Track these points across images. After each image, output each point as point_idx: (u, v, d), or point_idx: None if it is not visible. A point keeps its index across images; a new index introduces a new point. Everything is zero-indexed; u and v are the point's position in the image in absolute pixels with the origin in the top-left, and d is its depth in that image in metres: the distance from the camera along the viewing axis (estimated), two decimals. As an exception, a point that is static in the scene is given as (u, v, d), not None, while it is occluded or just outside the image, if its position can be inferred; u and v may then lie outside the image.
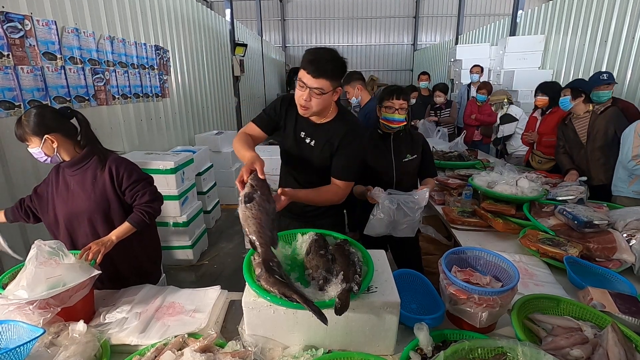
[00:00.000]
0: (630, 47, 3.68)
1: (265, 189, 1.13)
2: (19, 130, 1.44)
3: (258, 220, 1.05)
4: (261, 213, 1.06)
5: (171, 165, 3.14)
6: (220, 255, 3.64)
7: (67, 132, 1.51)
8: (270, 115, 1.58)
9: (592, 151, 2.68)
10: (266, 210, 1.08)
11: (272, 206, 1.12)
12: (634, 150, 2.31)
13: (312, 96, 1.36)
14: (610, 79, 2.64)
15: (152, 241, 1.80)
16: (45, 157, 1.49)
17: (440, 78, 9.29)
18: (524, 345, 0.91)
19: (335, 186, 1.51)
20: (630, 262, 1.57)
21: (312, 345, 1.09)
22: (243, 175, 1.16)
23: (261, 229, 1.04)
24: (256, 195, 1.09)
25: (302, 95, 1.38)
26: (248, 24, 12.02)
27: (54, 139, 1.46)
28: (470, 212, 2.20)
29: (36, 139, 1.44)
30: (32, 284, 1.11)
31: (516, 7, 5.88)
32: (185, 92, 4.96)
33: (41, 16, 2.52)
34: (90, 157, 1.56)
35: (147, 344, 1.13)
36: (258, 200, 1.08)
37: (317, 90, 1.34)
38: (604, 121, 2.61)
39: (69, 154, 1.54)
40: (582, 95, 2.67)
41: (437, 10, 13.61)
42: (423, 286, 1.40)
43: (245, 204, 1.07)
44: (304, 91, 1.37)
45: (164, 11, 4.35)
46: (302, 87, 1.36)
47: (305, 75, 1.34)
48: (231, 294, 1.43)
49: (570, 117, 2.80)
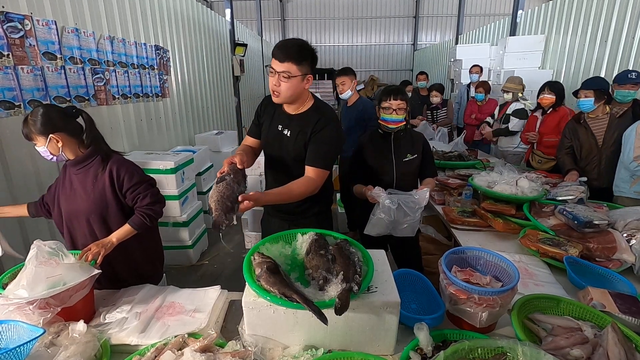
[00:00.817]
0: (630, 47, 3.68)
1: (238, 175, 1.29)
2: (25, 130, 1.46)
3: (221, 193, 1.20)
4: (227, 190, 1.21)
5: (171, 165, 3.14)
6: (220, 255, 3.64)
7: (72, 132, 1.52)
8: (255, 123, 1.71)
9: (607, 154, 2.61)
10: (232, 189, 1.22)
11: (240, 188, 1.26)
12: (636, 151, 2.29)
13: (280, 80, 1.44)
14: (638, 78, 2.53)
15: (152, 243, 1.80)
16: (51, 156, 1.51)
17: (440, 78, 9.29)
18: (524, 345, 0.91)
19: (306, 177, 1.49)
20: (630, 262, 1.57)
21: (312, 345, 1.09)
22: (224, 165, 1.32)
23: (221, 199, 1.18)
24: (227, 177, 1.25)
25: (271, 81, 1.47)
26: (248, 24, 12.01)
27: (59, 138, 1.47)
28: (470, 212, 2.20)
29: (42, 138, 1.46)
30: (32, 284, 1.12)
31: (516, 7, 5.87)
32: (185, 92, 4.96)
33: (41, 16, 2.52)
34: (93, 157, 1.56)
35: (147, 344, 1.13)
36: (228, 180, 1.24)
37: (284, 73, 1.42)
38: (622, 124, 2.53)
39: (73, 153, 1.55)
40: (605, 97, 2.57)
41: (437, 10, 13.60)
42: (423, 286, 1.40)
43: (217, 184, 1.23)
44: (273, 76, 1.46)
45: (164, 11, 4.35)
46: (272, 73, 1.46)
47: (274, 62, 1.44)
48: (231, 294, 1.43)
49: (585, 118, 2.69)
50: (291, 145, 1.57)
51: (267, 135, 1.65)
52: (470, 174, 2.55)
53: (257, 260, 1.09)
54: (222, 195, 1.19)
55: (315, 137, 1.52)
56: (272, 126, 1.63)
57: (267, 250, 1.19)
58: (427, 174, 2.12)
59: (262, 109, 1.69)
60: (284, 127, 1.59)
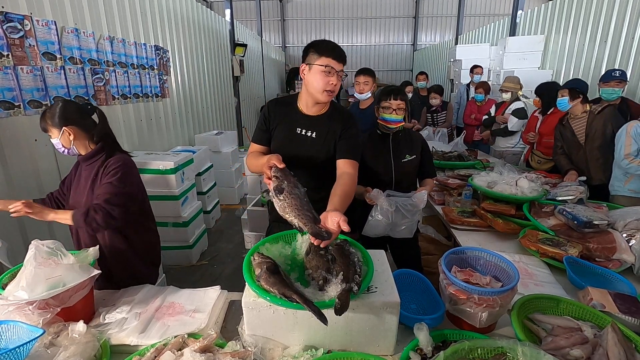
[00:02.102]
0: (630, 47, 3.68)
1: (290, 177, 1.21)
2: (42, 123, 1.54)
3: (294, 206, 1.11)
4: (294, 199, 1.13)
5: (171, 165, 3.14)
6: (220, 255, 3.64)
7: (84, 127, 1.58)
8: (262, 129, 1.65)
9: (591, 151, 2.67)
10: (297, 196, 1.15)
11: (301, 190, 1.18)
12: (626, 149, 2.34)
13: (338, 80, 1.47)
14: (622, 76, 2.64)
15: (145, 244, 1.76)
16: (63, 148, 1.57)
17: (440, 78, 9.29)
18: (524, 345, 0.91)
19: (347, 173, 1.50)
20: (630, 262, 1.57)
21: (312, 345, 1.09)
22: (266, 172, 1.24)
23: (300, 212, 1.10)
24: (284, 186, 1.17)
25: (330, 81, 1.46)
26: (248, 24, 12.02)
27: (71, 131, 1.53)
28: (470, 212, 2.20)
29: (56, 130, 1.53)
30: (32, 285, 1.11)
31: (516, 7, 5.88)
32: (185, 92, 4.96)
33: (41, 16, 2.52)
34: (100, 154, 1.60)
35: (147, 344, 1.12)
36: (287, 189, 1.16)
37: (341, 73, 1.48)
38: (601, 120, 2.61)
39: (84, 148, 1.60)
40: (579, 95, 2.66)
41: (437, 10, 13.61)
42: (423, 286, 1.40)
43: (277, 196, 1.15)
44: (332, 76, 1.45)
45: (164, 11, 4.35)
46: (331, 73, 1.45)
47: (331, 62, 1.44)
48: (231, 294, 1.43)
49: (568, 118, 2.79)
50: (318, 146, 1.58)
51: (283, 139, 1.60)
52: (470, 174, 2.55)
53: (257, 260, 1.09)
54: (298, 208, 1.11)
55: (347, 133, 1.58)
56: (288, 129, 1.60)
57: (267, 251, 1.19)
58: (426, 175, 2.12)
59: (272, 114, 1.63)
60: (306, 130, 1.58)
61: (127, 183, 1.57)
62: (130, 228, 1.65)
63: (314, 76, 1.47)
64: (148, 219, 1.79)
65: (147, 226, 1.78)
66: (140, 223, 1.72)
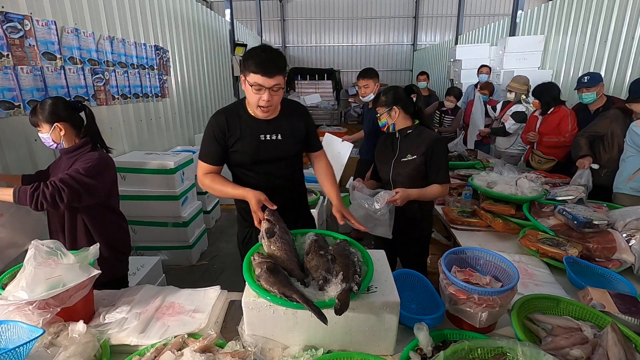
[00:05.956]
0: (630, 47, 3.68)
1: (281, 222, 1.26)
2: (33, 118, 1.60)
3: (283, 251, 1.15)
4: (284, 244, 1.17)
5: (171, 165, 3.14)
6: (220, 255, 3.64)
7: (74, 123, 1.66)
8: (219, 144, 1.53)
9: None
10: (287, 241, 1.20)
11: (289, 236, 1.24)
12: None
13: (272, 95, 1.40)
14: (590, 82, 2.81)
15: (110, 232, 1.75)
16: (52, 143, 1.63)
17: (440, 78, 9.29)
18: (524, 345, 0.91)
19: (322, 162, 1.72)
20: (630, 262, 1.57)
21: (312, 345, 1.09)
22: (258, 214, 1.29)
23: (288, 257, 1.14)
24: (276, 230, 1.21)
25: (260, 97, 1.39)
26: (248, 24, 12.01)
27: (62, 127, 1.60)
28: (470, 212, 2.20)
29: (47, 126, 1.59)
30: (32, 285, 1.11)
31: (516, 7, 5.87)
32: (185, 92, 4.96)
33: (41, 16, 2.52)
34: (83, 148, 1.65)
35: (147, 344, 1.12)
36: (279, 233, 1.20)
37: (275, 87, 1.39)
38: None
39: (70, 143, 1.67)
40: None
41: (437, 10, 13.59)
42: (423, 286, 1.40)
43: (269, 239, 1.18)
44: (262, 93, 1.38)
45: (164, 11, 4.34)
46: (259, 90, 1.37)
47: (260, 78, 1.34)
48: (231, 294, 1.43)
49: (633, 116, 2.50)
50: (286, 145, 1.58)
51: (251, 148, 1.53)
52: (470, 174, 2.55)
53: (257, 260, 1.09)
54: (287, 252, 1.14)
55: (311, 127, 1.68)
56: (252, 138, 1.52)
57: (267, 251, 1.19)
58: (434, 179, 1.86)
59: (227, 126, 1.52)
60: (270, 134, 1.54)
61: (93, 175, 1.55)
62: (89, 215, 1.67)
63: (247, 90, 1.41)
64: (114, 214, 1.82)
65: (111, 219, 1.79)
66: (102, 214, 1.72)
